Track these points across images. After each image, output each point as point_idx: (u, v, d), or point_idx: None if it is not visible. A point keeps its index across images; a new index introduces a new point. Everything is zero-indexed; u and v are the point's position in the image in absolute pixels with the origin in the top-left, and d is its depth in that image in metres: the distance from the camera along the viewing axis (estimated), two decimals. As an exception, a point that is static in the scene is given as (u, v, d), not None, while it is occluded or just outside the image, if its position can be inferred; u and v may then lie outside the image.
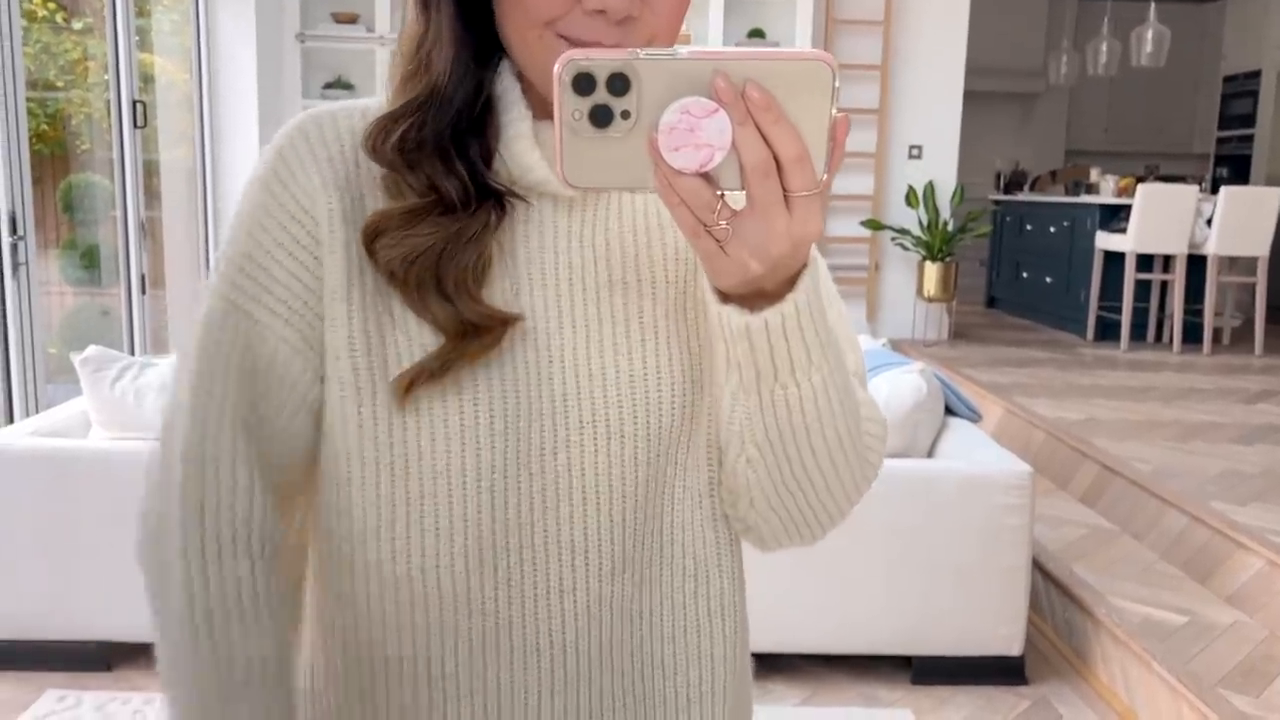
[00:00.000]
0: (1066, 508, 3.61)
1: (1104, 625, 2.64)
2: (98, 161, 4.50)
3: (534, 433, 0.67)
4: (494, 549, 0.67)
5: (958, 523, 2.52)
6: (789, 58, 0.51)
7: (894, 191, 6.33)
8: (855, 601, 2.56)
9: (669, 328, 0.69)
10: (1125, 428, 4.16)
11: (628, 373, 0.68)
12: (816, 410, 0.62)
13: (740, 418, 0.64)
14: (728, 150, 0.52)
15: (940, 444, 2.74)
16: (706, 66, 0.51)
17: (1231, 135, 9.14)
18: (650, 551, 0.71)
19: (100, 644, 2.51)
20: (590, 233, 0.69)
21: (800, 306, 0.57)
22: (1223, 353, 6.14)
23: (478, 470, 0.66)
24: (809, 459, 0.64)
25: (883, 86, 6.16)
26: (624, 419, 0.68)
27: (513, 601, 0.68)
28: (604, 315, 0.68)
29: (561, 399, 0.67)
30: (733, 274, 0.56)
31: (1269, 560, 2.75)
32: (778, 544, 0.72)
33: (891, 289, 6.45)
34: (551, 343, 0.67)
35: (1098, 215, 6.52)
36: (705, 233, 0.54)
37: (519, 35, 0.64)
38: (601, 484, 0.68)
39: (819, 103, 0.51)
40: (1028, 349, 6.23)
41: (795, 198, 0.52)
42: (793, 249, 0.54)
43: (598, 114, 0.52)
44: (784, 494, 0.67)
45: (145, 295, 4.39)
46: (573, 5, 0.62)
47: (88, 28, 4.52)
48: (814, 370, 0.60)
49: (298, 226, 0.67)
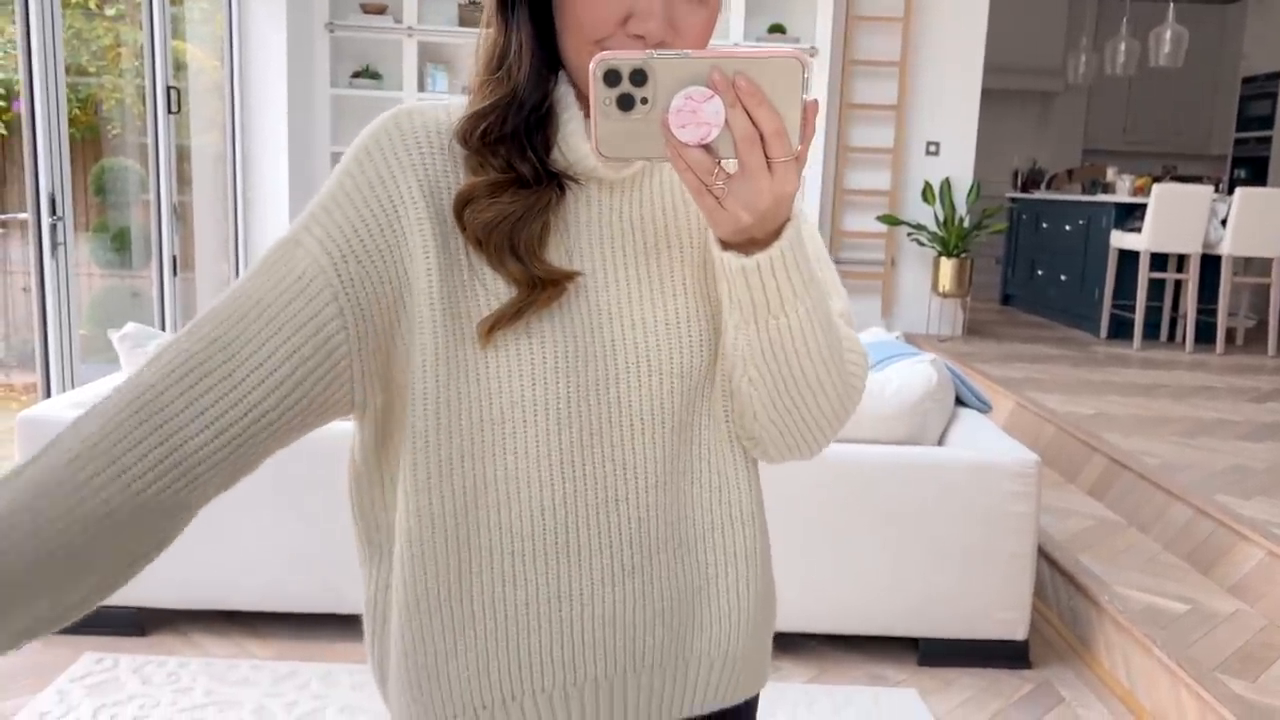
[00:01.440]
0: (1074, 500, 3.68)
1: (1107, 612, 2.71)
2: (129, 146, 4.59)
3: (590, 370, 0.82)
4: (560, 466, 0.82)
5: (965, 509, 2.60)
6: (769, 55, 0.66)
7: (911, 187, 6.38)
8: (864, 583, 2.63)
9: (694, 284, 0.85)
10: (1135, 423, 4.22)
11: (664, 321, 0.84)
12: (804, 336, 0.78)
13: (742, 345, 0.79)
14: (722, 127, 0.67)
15: (950, 433, 2.81)
16: (706, 63, 0.66)
17: (1250, 137, 9.14)
18: (685, 466, 0.86)
19: (135, 609, 2.61)
20: (629, 209, 0.86)
21: (785, 250, 0.73)
22: (1236, 353, 6.17)
23: (545, 401, 0.81)
24: (799, 376, 0.80)
25: (901, 83, 6.21)
26: (662, 359, 0.84)
27: (577, 510, 0.83)
28: (642, 275, 0.85)
29: (611, 343, 0.83)
30: (729, 224, 0.71)
31: (1270, 551, 2.81)
32: (780, 455, 0.88)
33: (907, 284, 6.51)
34: (601, 297, 0.83)
35: (1113, 214, 6.56)
36: (707, 191, 0.69)
37: (576, 51, 0.79)
38: (645, 413, 0.84)
39: (793, 89, 0.66)
40: (1041, 345, 6.28)
41: (776, 163, 0.68)
42: (775, 203, 0.69)
43: (623, 100, 0.67)
44: (781, 408, 0.82)
45: (176, 277, 4.49)
46: (618, 29, 0.77)
47: (120, 14, 4.61)
48: (799, 303, 0.76)
49: (372, 195, 0.81)
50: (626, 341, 0.83)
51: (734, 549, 0.89)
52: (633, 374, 0.83)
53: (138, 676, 2.43)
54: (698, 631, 0.88)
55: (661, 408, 0.84)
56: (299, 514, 2.56)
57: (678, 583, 0.86)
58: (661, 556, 0.85)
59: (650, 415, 0.84)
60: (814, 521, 2.58)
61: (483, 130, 0.81)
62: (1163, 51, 7.41)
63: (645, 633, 0.85)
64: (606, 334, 0.82)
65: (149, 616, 2.65)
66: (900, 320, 6.48)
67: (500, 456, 0.82)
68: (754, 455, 0.90)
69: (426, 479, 0.82)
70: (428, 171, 0.81)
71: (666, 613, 0.86)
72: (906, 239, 6.37)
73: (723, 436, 0.88)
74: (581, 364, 0.82)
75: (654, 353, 0.83)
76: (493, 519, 0.83)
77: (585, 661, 0.84)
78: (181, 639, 2.65)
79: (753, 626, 0.91)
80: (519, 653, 0.84)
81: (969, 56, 6.27)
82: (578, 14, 0.78)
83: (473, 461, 0.82)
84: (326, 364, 0.78)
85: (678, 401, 0.84)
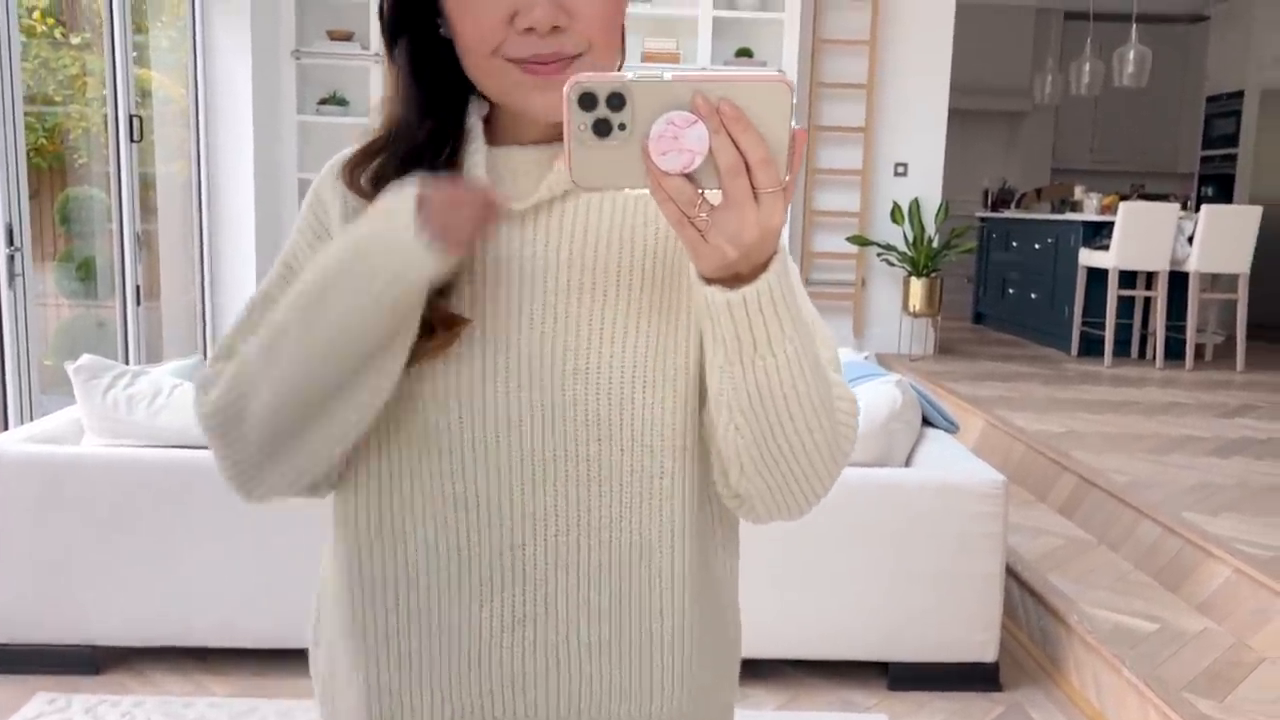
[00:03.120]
0: (1044, 518, 3.68)
1: (1076, 632, 2.69)
2: (95, 175, 4.55)
3: (489, 415, 0.79)
4: (455, 507, 0.81)
5: (933, 531, 2.58)
6: (755, 80, 0.63)
7: (880, 208, 6.41)
8: (833, 608, 2.61)
9: (614, 331, 0.80)
10: (1104, 441, 4.23)
11: (574, 367, 0.79)
12: (791, 378, 0.72)
13: (727, 389, 0.73)
14: (706, 155, 0.63)
15: (917, 454, 2.80)
16: (688, 87, 0.62)
17: (1215, 154, 9.25)
18: (599, 521, 0.82)
19: (89, 648, 2.56)
20: (545, 246, 0.81)
21: (772, 284, 0.69)
22: (1205, 368, 6.22)
23: (440, 444, 0.80)
24: (787, 424, 0.74)
25: (868, 105, 6.25)
26: (566, 405, 0.80)
27: (472, 551, 0.81)
28: (558, 315, 0.80)
29: (516, 387, 0.79)
30: (713, 258, 0.67)
31: (1237, 569, 2.81)
32: (768, 514, 0.81)
33: (878, 304, 6.53)
34: (508, 340, 0.79)
35: (1081, 232, 6.61)
36: (689, 224, 0.65)
37: (477, 68, 0.77)
38: (549, 462, 0.80)
39: (780, 117, 0.63)
40: (1012, 364, 6.30)
41: (762, 194, 0.64)
42: (761, 236, 0.65)
43: (599, 126, 0.63)
44: (769, 459, 0.76)
45: (140, 307, 4.44)
46: (508, 29, 0.74)
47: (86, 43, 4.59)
48: (786, 342, 0.71)
49: (317, 240, 0.84)
50: (532, 386, 0.79)
51: (659, 611, 0.83)
52: (536, 420, 0.80)
53: (91, 716, 2.38)
54: (618, 697, 0.83)
55: (565, 458, 0.80)
56: (257, 547, 2.51)
57: (585, 640, 0.82)
58: (564, 611, 0.81)
59: (554, 464, 0.80)
60: (782, 545, 2.56)
61: (371, 171, 0.80)
62: (1127, 71, 7.50)
63: (544, 688, 0.82)
64: (512, 379, 0.79)
65: (103, 655, 2.59)
66: (872, 340, 6.50)
67: (399, 490, 0.81)
68: (740, 515, 0.85)
69: (347, 496, 0.84)
70: (355, 215, 0.81)
71: (571, 670, 0.82)
72: (877, 259, 6.40)
73: (651, 493, 0.82)
74: (479, 407, 0.79)
75: (558, 398, 0.79)
76: (387, 551, 0.82)
77: (479, 710, 0.82)
78: (137, 677, 2.59)
79: (692, 691, 0.86)
80: (406, 693, 0.82)
81: (935, 78, 6.32)
82: (464, 30, 0.76)
83: (379, 490, 0.82)
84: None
85: (591, 450, 0.80)
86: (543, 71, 0.75)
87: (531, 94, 0.76)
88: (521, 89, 0.76)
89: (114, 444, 2.53)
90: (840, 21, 6.23)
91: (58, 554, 2.49)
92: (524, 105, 0.78)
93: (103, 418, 2.52)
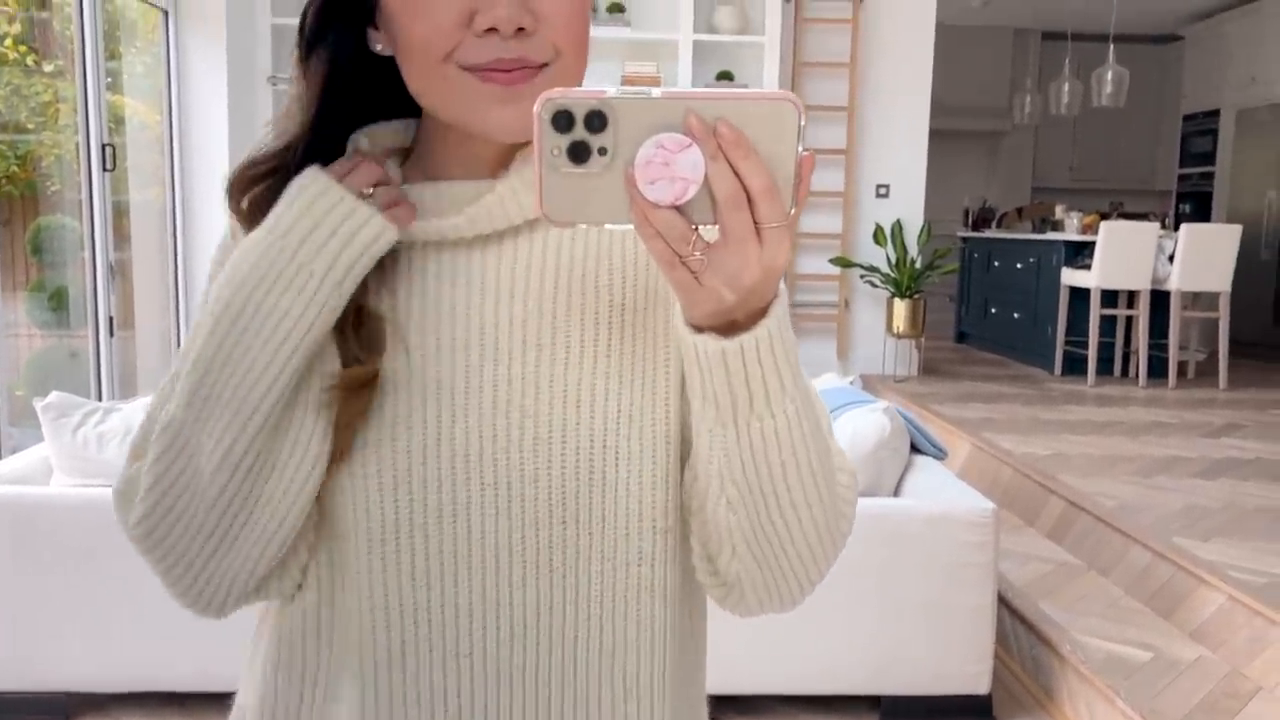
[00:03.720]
0: (1034, 544, 3.64)
1: (1069, 662, 2.65)
2: (67, 203, 4.48)
3: (429, 497, 0.68)
4: (386, 607, 0.68)
5: (923, 561, 2.54)
6: (757, 98, 0.54)
7: (862, 230, 6.40)
8: (823, 641, 2.56)
9: (579, 393, 0.69)
10: (1091, 463, 4.21)
11: (532, 435, 0.68)
12: (791, 443, 0.62)
13: (719, 455, 0.63)
14: (701, 184, 0.54)
15: (905, 482, 2.76)
16: (680, 105, 0.54)
17: (1192, 172, 9.31)
18: (560, 623, 0.70)
19: (63, 694, 2.48)
20: (497, 293, 0.70)
21: (773, 332, 0.59)
22: (1187, 386, 6.22)
23: (368, 531, 0.68)
24: (785, 498, 0.64)
25: (850, 127, 6.25)
26: (525, 482, 0.68)
27: (405, 658, 0.69)
28: (512, 377, 0.69)
29: (464, 461, 0.68)
30: (707, 304, 0.58)
31: (1230, 596, 2.78)
32: (759, 604, 0.71)
33: (861, 325, 6.51)
34: (456, 402, 0.68)
35: (1063, 252, 6.62)
36: (681, 264, 0.56)
37: (425, 79, 0.66)
38: (502, 549, 0.68)
39: (786, 140, 0.55)
40: (996, 384, 6.29)
41: (765, 229, 0.55)
42: (764, 278, 0.56)
43: (576, 150, 0.54)
44: (765, 540, 0.66)
45: (114, 337, 4.37)
46: (464, 31, 0.64)
47: (59, 70, 4.53)
48: (787, 400, 0.61)
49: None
50: (484, 459, 0.68)
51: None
52: (487, 499, 0.68)
53: (61, 767, 2.30)
54: None
55: (523, 543, 0.68)
56: (233, 588, 2.44)
57: None
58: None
59: (508, 553, 0.68)
60: (769, 579, 2.51)
61: (254, 199, 0.69)
62: (1105, 91, 7.54)
63: None
64: (458, 448, 0.68)
65: (77, 702, 2.51)
66: (856, 362, 6.47)
67: (325, 588, 0.70)
68: (725, 606, 0.73)
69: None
70: None
71: None
72: (860, 281, 6.38)
73: (626, 585, 0.70)
74: (418, 486, 0.67)
75: (515, 474, 0.68)
76: (309, 648, 0.72)
77: None
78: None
79: None
80: None
81: (916, 100, 6.33)
82: (411, 31, 0.65)
83: (306, 588, 0.72)
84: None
85: (544, 535, 0.68)
86: (505, 80, 0.64)
87: (491, 107, 0.65)
88: (479, 101, 0.65)
89: (84, 484, 2.46)
90: (820, 44, 6.24)
91: (27, 598, 2.41)
92: (482, 122, 0.65)
93: (72, 456, 2.45)
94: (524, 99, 0.62)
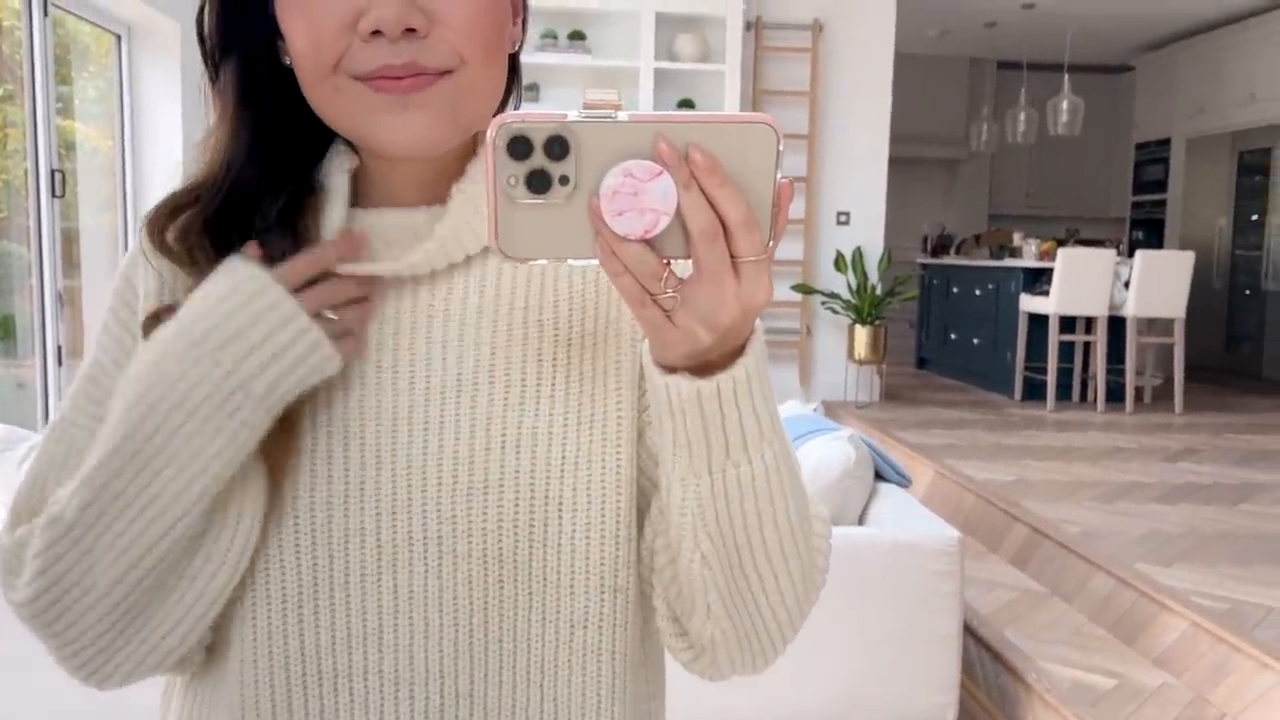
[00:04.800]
0: (998, 570, 3.63)
1: (1035, 690, 2.64)
2: (15, 229, 4.38)
3: (352, 549, 0.61)
4: (315, 674, 0.62)
5: (889, 590, 2.52)
6: (732, 120, 0.49)
7: (823, 256, 6.43)
8: (787, 672, 2.53)
9: (520, 436, 0.63)
10: (1053, 489, 4.22)
11: (466, 483, 0.62)
12: (769, 491, 0.58)
13: (692, 507, 0.58)
14: (673, 215, 0.50)
15: (870, 511, 2.74)
16: (648, 129, 0.49)
17: (1146, 200, 9.48)
18: (498, 691, 0.64)
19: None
20: (439, 330, 0.64)
21: (751, 372, 0.55)
22: (1144, 411, 6.28)
23: (284, 590, 0.61)
24: (761, 550, 0.59)
25: (810, 155, 6.29)
26: (458, 536, 0.62)
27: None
28: (444, 420, 0.63)
29: (390, 512, 0.62)
30: (680, 345, 0.53)
31: (1193, 622, 2.78)
32: (731, 666, 0.65)
33: (823, 352, 6.52)
34: (382, 447, 0.62)
35: (1021, 278, 6.68)
36: (652, 302, 0.52)
37: (316, 89, 0.61)
38: (432, 610, 0.62)
39: (763, 166, 0.50)
40: (957, 410, 6.32)
41: (743, 263, 0.51)
42: (743, 316, 0.52)
43: (535, 179, 0.49)
44: (739, 597, 0.61)
45: (62, 367, 4.26)
46: (350, 37, 0.58)
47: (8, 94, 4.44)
48: (765, 445, 0.57)
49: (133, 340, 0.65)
50: (412, 510, 0.62)
51: None
52: (416, 555, 0.62)
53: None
54: None
55: (454, 604, 0.62)
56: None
57: None
58: None
59: (438, 615, 0.62)
60: (734, 611, 2.48)
61: (180, 228, 0.62)
62: (1060, 120, 7.67)
63: None
64: (384, 499, 0.62)
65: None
66: (818, 388, 6.48)
67: (234, 653, 0.63)
68: (694, 670, 0.67)
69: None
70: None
71: None
72: (821, 307, 6.40)
73: (571, 648, 0.64)
74: (339, 542, 0.61)
75: (447, 527, 0.62)
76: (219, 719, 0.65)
77: None
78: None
79: None
80: None
81: (875, 128, 6.38)
82: (296, 40, 0.59)
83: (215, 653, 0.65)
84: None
85: (478, 596, 0.62)
86: (395, 88, 0.58)
87: (383, 118, 0.59)
88: (370, 112, 0.59)
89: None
90: (781, 73, 6.28)
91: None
92: (373, 134, 0.60)
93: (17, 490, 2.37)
94: (417, 108, 0.58)
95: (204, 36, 0.65)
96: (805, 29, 6.23)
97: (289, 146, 0.65)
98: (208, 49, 0.65)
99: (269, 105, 0.64)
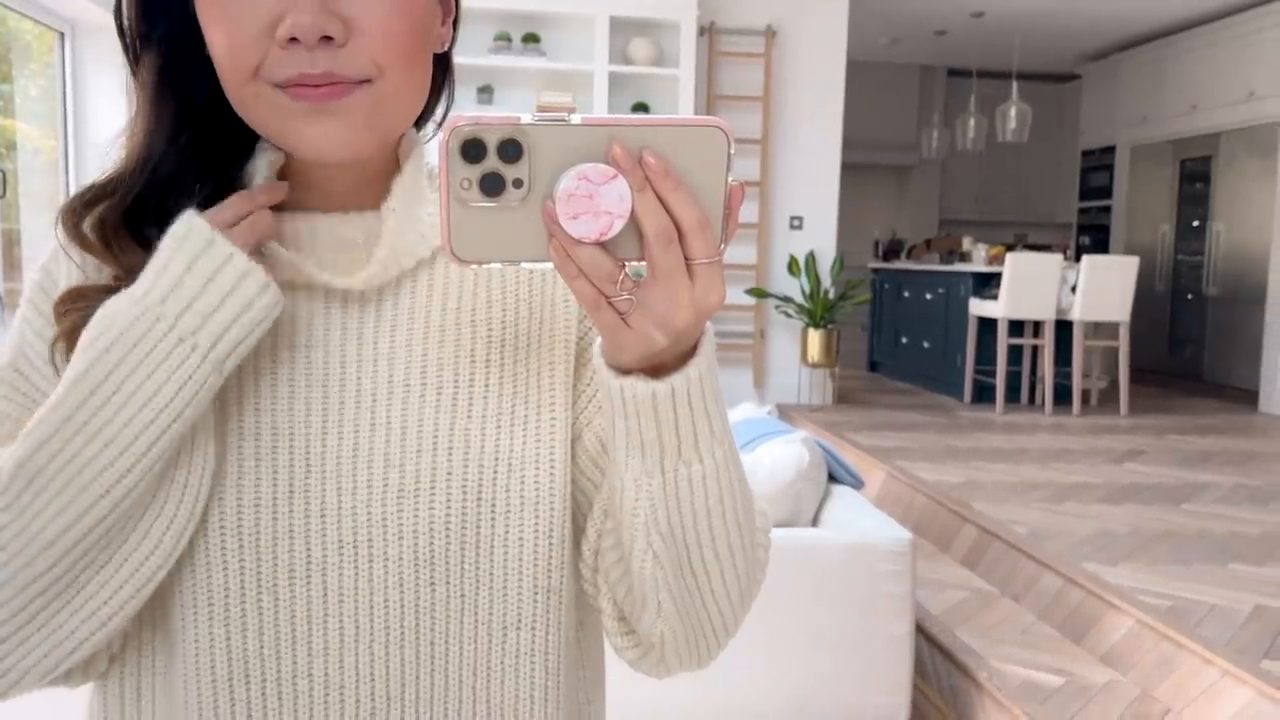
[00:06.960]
0: (949, 571, 3.67)
1: (986, 689, 2.67)
2: (-47, 230, 4.28)
3: (281, 552, 0.61)
4: (242, 678, 0.61)
5: (842, 591, 2.53)
6: (684, 124, 0.50)
7: (777, 261, 6.47)
8: (740, 673, 2.53)
9: (452, 438, 0.63)
10: (1002, 490, 4.28)
11: (396, 486, 0.62)
12: (719, 488, 0.59)
13: (645, 507, 0.59)
14: (627, 218, 0.50)
15: (824, 513, 2.76)
16: (602, 133, 0.50)
17: (1091, 206, 9.65)
18: (429, 694, 0.63)
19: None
20: (370, 332, 0.64)
21: (703, 372, 0.56)
22: (1091, 413, 6.39)
23: (209, 593, 0.60)
24: (709, 547, 0.60)
25: (763, 160, 6.33)
26: (388, 538, 0.61)
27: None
28: (375, 421, 0.63)
29: (319, 514, 0.61)
30: (636, 347, 0.54)
31: (1139, 620, 2.83)
32: (679, 662, 0.66)
33: (776, 355, 6.56)
34: (311, 449, 0.62)
35: (970, 283, 6.77)
36: (607, 305, 0.52)
37: (238, 98, 0.60)
38: (362, 613, 0.61)
39: (715, 169, 0.51)
40: (908, 413, 6.38)
41: (697, 265, 0.51)
42: (696, 318, 0.53)
43: (488, 182, 0.49)
44: (688, 593, 0.62)
45: (1, 371, 4.17)
46: (268, 43, 0.57)
47: (-53, 92, 4.33)
48: (715, 444, 0.58)
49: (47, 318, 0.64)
50: (341, 512, 0.61)
51: None
52: (346, 558, 0.61)
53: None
54: None
55: (385, 607, 0.61)
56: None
57: None
58: None
59: (369, 617, 0.61)
60: (688, 613, 2.48)
61: (97, 218, 0.61)
62: (1009, 127, 7.79)
63: None
64: (314, 501, 0.61)
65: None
66: (772, 391, 6.51)
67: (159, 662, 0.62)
68: (639, 668, 0.67)
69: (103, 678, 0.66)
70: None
71: None
72: (775, 311, 6.44)
73: (504, 651, 0.64)
74: (267, 543, 0.60)
75: (378, 529, 0.61)
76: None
77: None
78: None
79: None
80: None
81: (828, 133, 6.43)
82: (216, 46, 0.58)
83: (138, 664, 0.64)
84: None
85: (410, 599, 0.62)
86: (313, 96, 0.58)
87: (302, 126, 0.59)
88: (290, 120, 0.59)
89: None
90: (734, 78, 6.31)
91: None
92: (295, 141, 0.59)
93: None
94: (335, 115, 0.58)
95: (123, 27, 0.64)
96: (759, 35, 6.27)
97: (213, 139, 0.64)
98: (127, 40, 0.64)
99: (193, 97, 0.64)
